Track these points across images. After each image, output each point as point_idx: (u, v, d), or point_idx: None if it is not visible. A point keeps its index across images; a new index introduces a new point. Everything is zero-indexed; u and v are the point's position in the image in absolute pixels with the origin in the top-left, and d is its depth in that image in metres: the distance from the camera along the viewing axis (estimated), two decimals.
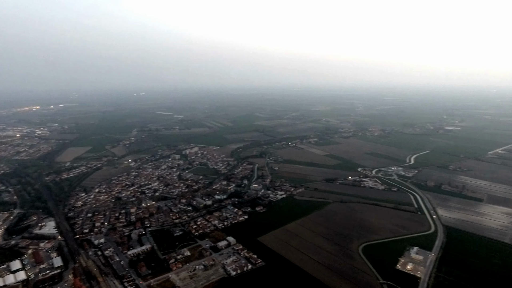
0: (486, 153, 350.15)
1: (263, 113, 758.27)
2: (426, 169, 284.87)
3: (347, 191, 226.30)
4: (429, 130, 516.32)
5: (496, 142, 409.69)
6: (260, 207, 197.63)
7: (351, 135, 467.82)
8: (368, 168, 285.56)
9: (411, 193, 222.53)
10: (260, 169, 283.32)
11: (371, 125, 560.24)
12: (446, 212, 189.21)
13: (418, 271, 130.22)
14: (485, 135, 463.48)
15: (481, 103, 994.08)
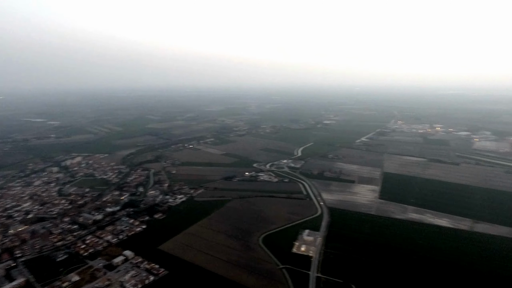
0: (355, 141, 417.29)
1: (155, 115, 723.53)
2: (311, 159, 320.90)
3: (245, 187, 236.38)
4: (311, 125, 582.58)
5: (362, 132, 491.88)
6: (159, 214, 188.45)
7: (245, 133, 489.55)
8: (263, 163, 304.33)
9: (300, 182, 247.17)
10: (157, 174, 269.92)
11: (263, 123, 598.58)
12: (329, 196, 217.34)
13: (310, 251, 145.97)
14: (354, 127, 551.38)
15: (348, 100, 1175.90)
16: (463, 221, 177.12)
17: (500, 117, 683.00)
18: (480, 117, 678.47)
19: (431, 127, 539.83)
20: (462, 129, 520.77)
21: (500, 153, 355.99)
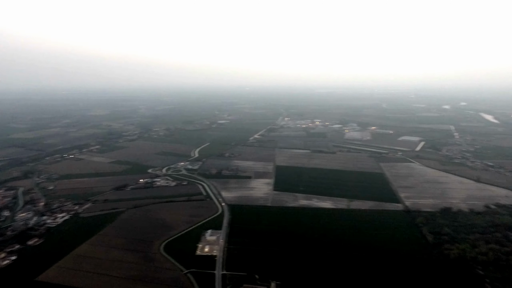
0: (249, 139, 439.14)
1: (21, 123, 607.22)
2: (208, 159, 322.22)
3: (141, 195, 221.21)
4: (206, 125, 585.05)
5: (254, 129, 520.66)
6: (34, 240, 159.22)
7: (136, 138, 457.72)
8: (159, 168, 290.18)
9: (199, 184, 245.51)
10: (28, 193, 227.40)
11: (155, 125, 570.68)
12: (228, 194, 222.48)
13: (214, 250, 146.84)
14: (246, 125, 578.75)
15: (240, 99, 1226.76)
16: (342, 201, 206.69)
17: (363, 111, 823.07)
18: (348, 111, 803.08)
19: (312, 122, 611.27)
20: (336, 122, 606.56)
21: (364, 141, 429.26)
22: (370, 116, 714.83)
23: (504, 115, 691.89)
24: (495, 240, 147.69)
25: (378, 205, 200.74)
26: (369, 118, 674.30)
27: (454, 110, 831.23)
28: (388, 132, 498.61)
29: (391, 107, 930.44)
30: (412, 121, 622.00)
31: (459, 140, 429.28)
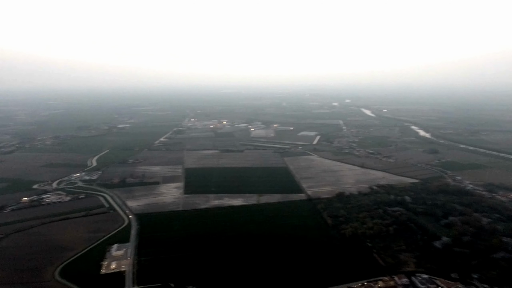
0: (154, 142, 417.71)
1: None
2: (109, 168, 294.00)
3: (25, 216, 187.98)
4: (104, 130, 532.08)
5: (160, 132, 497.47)
6: None
7: (15, 149, 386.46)
8: (47, 182, 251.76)
9: (100, 195, 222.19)
10: None
11: (40, 134, 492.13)
12: (134, 202, 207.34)
13: (122, 266, 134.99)
14: (151, 128, 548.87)
15: (142, 101, 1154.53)
16: (252, 197, 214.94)
17: (265, 109, 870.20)
18: (252, 110, 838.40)
19: (219, 122, 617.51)
20: (242, 121, 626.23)
21: (268, 138, 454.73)
22: (272, 114, 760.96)
23: (379, 110, 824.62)
24: (378, 216, 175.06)
25: (285, 197, 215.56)
26: (272, 116, 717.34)
27: (341, 107, 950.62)
28: (289, 128, 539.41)
29: (290, 105, 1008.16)
30: (308, 118, 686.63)
31: (346, 132, 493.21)
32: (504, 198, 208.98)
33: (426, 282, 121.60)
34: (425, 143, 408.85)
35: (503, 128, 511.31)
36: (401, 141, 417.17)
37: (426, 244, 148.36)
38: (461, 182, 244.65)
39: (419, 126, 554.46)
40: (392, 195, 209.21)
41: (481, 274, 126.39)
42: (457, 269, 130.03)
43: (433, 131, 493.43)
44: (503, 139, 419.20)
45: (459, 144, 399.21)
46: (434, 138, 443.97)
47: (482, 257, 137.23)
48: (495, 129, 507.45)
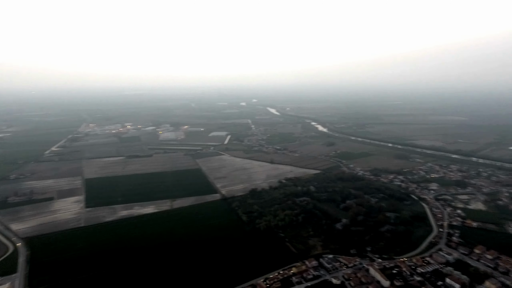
0: (44, 153, 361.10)
1: None
2: None
3: None
4: None
5: (50, 141, 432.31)
6: None
7: None
8: None
9: None
10: None
11: None
12: (21, 225, 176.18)
13: None
14: (39, 136, 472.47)
15: (25, 106, 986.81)
16: (165, 203, 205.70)
17: (174, 111, 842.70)
18: (160, 112, 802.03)
19: (123, 126, 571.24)
20: (149, 124, 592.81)
21: (179, 140, 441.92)
22: (181, 115, 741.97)
23: (283, 108, 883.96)
24: (288, 207, 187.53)
25: (199, 199, 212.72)
26: (181, 117, 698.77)
27: (249, 106, 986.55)
28: (200, 129, 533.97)
29: (199, 106, 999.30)
30: (218, 118, 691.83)
31: (255, 131, 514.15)
32: (386, 180, 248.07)
33: (331, 261, 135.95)
34: (324, 137, 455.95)
35: (384, 121, 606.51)
36: (304, 137, 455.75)
37: (329, 228, 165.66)
38: (354, 169, 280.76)
39: (318, 122, 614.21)
40: (299, 186, 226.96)
41: (372, 247, 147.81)
42: (355, 245, 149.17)
43: (329, 126, 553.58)
44: (384, 130, 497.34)
45: (350, 136, 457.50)
46: (330, 132, 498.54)
47: (372, 232, 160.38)
48: (378, 122, 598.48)
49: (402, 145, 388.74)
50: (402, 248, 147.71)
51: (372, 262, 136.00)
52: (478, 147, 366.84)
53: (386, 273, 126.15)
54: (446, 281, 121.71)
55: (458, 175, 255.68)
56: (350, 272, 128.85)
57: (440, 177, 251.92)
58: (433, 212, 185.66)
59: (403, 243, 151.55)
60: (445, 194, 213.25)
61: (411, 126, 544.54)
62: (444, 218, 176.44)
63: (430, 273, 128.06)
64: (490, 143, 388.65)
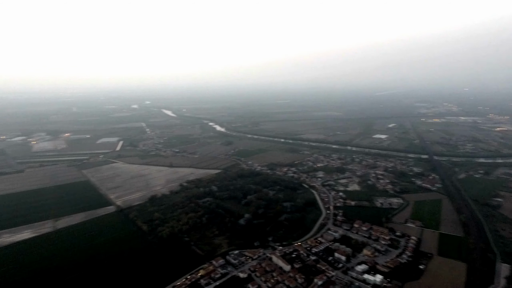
0: None
1: None
2: None
3: None
4: None
5: None
6: None
7: None
8: None
9: None
10: None
11: None
12: None
13: None
14: None
15: None
16: (45, 225, 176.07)
17: (51, 117, 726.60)
18: (32, 119, 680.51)
19: None
20: (17, 134, 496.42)
21: (58, 150, 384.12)
22: (61, 122, 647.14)
23: (179, 110, 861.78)
24: (191, 210, 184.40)
25: (90, 214, 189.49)
26: (60, 124, 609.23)
27: (142, 109, 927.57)
28: (85, 136, 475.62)
29: (82, 110, 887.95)
30: (107, 123, 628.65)
31: (151, 134, 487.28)
32: (281, 172, 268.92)
33: (238, 256, 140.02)
34: (222, 136, 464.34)
35: (276, 119, 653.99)
36: (202, 137, 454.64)
37: (234, 224, 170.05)
38: (252, 165, 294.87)
39: (215, 122, 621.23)
40: (201, 187, 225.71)
41: (273, 236, 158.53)
42: (258, 237, 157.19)
43: (227, 126, 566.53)
44: (276, 127, 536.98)
45: (247, 134, 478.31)
46: (228, 132, 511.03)
47: (273, 222, 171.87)
48: (270, 119, 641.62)
49: (292, 139, 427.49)
50: (298, 233, 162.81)
51: (274, 250, 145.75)
52: (351, 137, 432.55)
53: (287, 258, 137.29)
54: (335, 256, 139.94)
55: (338, 162, 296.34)
56: (256, 264, 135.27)
57: (325, 166, 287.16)
58: (321, 197, 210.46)
59: (299, 228, 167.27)
60: (329, 180, 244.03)
61: (299, 122, 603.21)
62: (330, 201, 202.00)
63: (322, 251, 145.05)
64: (359, 133, 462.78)
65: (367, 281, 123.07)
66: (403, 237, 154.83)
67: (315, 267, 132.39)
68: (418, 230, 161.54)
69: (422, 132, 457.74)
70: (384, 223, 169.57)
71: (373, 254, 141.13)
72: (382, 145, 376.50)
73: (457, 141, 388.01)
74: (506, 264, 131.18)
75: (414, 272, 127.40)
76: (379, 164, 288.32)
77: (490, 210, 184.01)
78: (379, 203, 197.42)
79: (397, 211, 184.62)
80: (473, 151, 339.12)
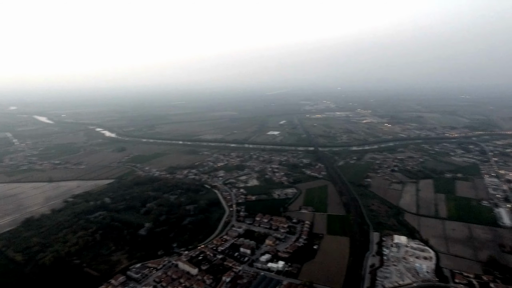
0: None
1: None
2: None
3: None
4: None
5: None
6: None
7: None
8: None
9: None
10: None
11: None
12: None
13: None
14: None
15: None
16: None
17: None
18: None
19: None
20: None
21: None
22: None
23: (57, 115, 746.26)
24: (80, 228, 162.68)
25: None
26: None
27: (5, 116, 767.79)
28: None
29: None
30: None
31: (20, 146, 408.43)
32: (181, 175, 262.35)
33: (140, 270, 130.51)
34: (113, 142, 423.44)
35: (171, 121, 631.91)
36: (89, 145, 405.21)
37: (133, 236, 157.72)
38: (150, 171, 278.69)
39: (103, 127, 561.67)
40: (91, 201, 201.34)
41: (178, 242, 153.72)
42: (162, 246, 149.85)
43: (117, 131, 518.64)
44: (172, 129, 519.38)
45: (141, 139, 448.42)
46: (120, 137, 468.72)
47: (176, 228, 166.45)
48: (166, 122, 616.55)
49: (191, 141, 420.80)
50: (203, 234, 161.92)
51: (180, 256, 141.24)
52: (247, 135, 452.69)
53: (194, 262, 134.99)
54: (240, 250, 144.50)
55: (237, 160, 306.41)
56: (161, 274, 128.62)
57: (225, 165, 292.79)
58: (224, 195, 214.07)
59: (204, 230, 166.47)
60: (230, 178, 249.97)
61: (196, 123, 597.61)
62: (232, 199, 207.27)
63: (228, 248, 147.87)
64: (255, 131, 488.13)
65: (271, 269, 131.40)
66: (298, 223, 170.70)
67: (222, 265, 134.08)
68: (310, 215, 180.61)
69: (308, 127, 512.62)
70: (282, 212, 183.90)
71: (275, 243, 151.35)
72: (275, 141, 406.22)
73: (335, 134, 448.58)
74: (376, 232, 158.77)
75: (310, 253, 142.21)
76: (274, 158, 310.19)
77: (363, 189, 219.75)
78: (276, 194, 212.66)
79: (292, 200, 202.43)
80: (347, 141, 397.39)
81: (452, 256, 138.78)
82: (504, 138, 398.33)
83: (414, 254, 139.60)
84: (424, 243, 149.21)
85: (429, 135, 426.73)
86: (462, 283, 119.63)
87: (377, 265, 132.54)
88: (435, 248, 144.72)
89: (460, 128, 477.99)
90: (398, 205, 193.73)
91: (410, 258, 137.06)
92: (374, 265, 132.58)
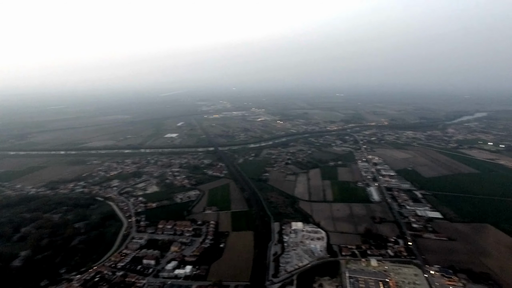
0: None
1: None
2: None
3: None
4: None
5: None
6: None
7: None
8: None
9: None
10: None
11: None
12: None
13: None
14: None
15: None
16: None
17: None
18: None
19: None
20: None
21: None
22: None
23: None
24: None
25: None
26: None
27: None
28: None
29: None
30: None
31: None
32: (66, 190, 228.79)
33: None
34: None
35: (50, 128, 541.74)
36: None
37: (3, 270, 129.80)
38: (23, 189, 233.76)
39: None
40: None
41: (67, 266, 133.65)
42: (45, 274, 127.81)
43: None
44: (52, 138, 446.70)
45: (8, 152, 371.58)
46: None
47: (63, 250, 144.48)
48: (42, 130, 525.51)
49: (75, 150, 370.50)
50: (98, 253, 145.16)
51: (70, 283, 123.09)
52: (143, 139, 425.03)
53: (89, 285, 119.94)
54: (143, 263, 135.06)
55: (133, 167, 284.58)
56: None
57: (119, 173, 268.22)
58: (120, 206, 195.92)
59: (99, 247, 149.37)
60: (126, 187, 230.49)
61: (80, 129, 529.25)
62: (130, 209, 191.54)
63: (130, 262, 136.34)
64: (151, 135, 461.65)
65: (178, 275, 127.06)
66: (204, 225, 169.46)
67: (123, 283, 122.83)
68: (215, 215, 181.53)
69: (206, 128, 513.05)
70: (186, 216, 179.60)
71: (180, 248, 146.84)
72: (174, 144, 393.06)
73: (233, 133, 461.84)
74: (277, 222, 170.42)
75: (217, 252, 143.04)
76: (174, 162, 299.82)
77: (262, 183, 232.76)
78: (179, 199, 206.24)
79: (196, 202, 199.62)
80: (245, 139, 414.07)
81: (339, 233, 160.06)
82: (369, 128, 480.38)
83: (309, 237, 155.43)
84: (317, 225, 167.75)
85: (314, 129, 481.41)
86: (348, 255, 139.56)
87: (279, 253, 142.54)
88: (326, 228, 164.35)
89: (338, 122, 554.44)
90: (293, 194, 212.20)
91: (306, 241, 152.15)
92: (277, 253, 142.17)
